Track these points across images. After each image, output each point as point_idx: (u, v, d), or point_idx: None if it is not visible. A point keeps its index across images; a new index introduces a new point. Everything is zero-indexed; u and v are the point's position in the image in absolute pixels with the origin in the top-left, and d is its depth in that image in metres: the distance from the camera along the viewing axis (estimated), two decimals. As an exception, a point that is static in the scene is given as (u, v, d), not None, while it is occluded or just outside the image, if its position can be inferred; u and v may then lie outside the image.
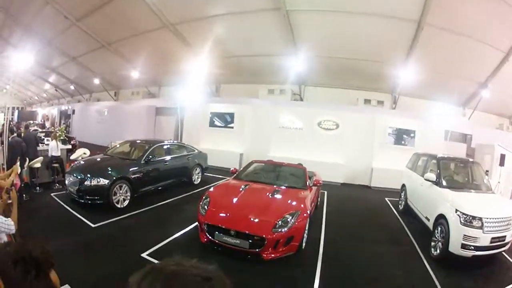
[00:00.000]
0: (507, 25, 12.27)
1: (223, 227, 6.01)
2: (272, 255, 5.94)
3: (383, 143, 15.75)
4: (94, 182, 7.94)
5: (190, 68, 17.00)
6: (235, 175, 8.64)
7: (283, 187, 7.64)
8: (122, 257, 5.56)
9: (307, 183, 8.05)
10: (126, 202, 8.41)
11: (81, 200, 7.95)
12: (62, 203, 8.34)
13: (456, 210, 6.72)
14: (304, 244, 6.67)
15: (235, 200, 6.84)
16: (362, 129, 15.77)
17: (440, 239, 6.95)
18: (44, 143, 12.63)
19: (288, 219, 6.12)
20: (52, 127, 24.37)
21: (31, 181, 9.73)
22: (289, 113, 16.59)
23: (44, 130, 20.07)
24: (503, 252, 7.30)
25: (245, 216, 6.23)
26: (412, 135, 15.79)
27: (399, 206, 11.14)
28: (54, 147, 10.97)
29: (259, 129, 16.91)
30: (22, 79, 31.23)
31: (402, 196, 10.98)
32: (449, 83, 15.98)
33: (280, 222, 6.04)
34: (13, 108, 38.68)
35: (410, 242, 8.01)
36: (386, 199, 12.51)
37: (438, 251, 7.01)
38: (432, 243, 7.21)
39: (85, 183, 7.95)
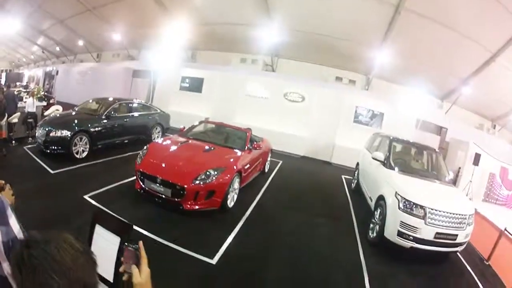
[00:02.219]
0: (497, 25, 12.01)
1: (151, 174, 6.40)
2: (193, 207, 6.28)
3: (348, 121, 15.92)
4: (58, 134, 8.60)
5: (168, 33, 17.27)
6: (181, 132, 9.06)
7: (219, 146, 8.00)
8: (67, 198, 6.25)
9: (246, 146, 8.37)
10: (85, 153, 9.12)
11: (47, 150, 8.67)
12: (32, 154, 9.05)
13: (396, 193, 6.41)
14: (232, 203, 7.09)
15: (169, 152, 7.33)
16: (328, 105, 15.91)
17: (378, 222, 6.70)
18: (23, 100, 13.19)
19: (211, 173, 6.41)
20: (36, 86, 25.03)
21: (9, 135, 10.32)
22: (256, 82, 16.85)
23: (26, 90, 20.82)
24: (458, 254, 7.06)
25: (172, 166, 6.63)
26: (379, 117, 15.95)
27: (352, 184, 11.09)
28: (30, 104, 11.72)
29: (226, 95, 17.21)
30: (11, 42, 31.28)
31: (356, 175, 10.92)
32: (429, 73, 15.90)
33: (202, 175, 6.33)
34: (1, 70, 39.42)
35: (350, 221, 7.95)
36: (343, 176, 12.71)
37: (375, 234, 6.76)
38: (371, 225, 6.97)
39: (51, 134, 8.61)
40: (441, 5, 11.91)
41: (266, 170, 10.87)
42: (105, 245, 1.47)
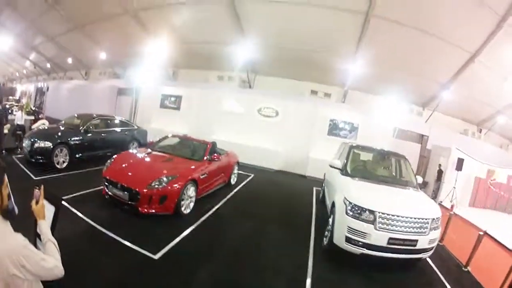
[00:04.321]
0: (474, 23, 11.94)
1: (114, 180, 7.18)
2: (147, 210, 6.92)
3: (323, 134, 16.21)
4: (41, 145, 9.65)
5: (150, 52, 18.05)
6: (149, 145, 9.98)
7: (178, 157, 8.72)
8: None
9: (205, 157, 8.99)
10: (65, 164, 10.14)
11: (32, 159, 9.64)
12: (19, 162, 10.08)
13: (345, 199, 6.27)
14: (188, 210, 7.69)
15: (131, 161, 8.15)
16: (302, 119, 16.31)
17: (330, 229, 6.57)
18: (13, 113, 14.53)
19: (163, 180, 7.10)
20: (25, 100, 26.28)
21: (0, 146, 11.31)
22: (231, 99, 17.60)
23: (18, 104, 22.07)
24: (429, 261, 6.98)
25: (131, 173, 7.42)
26: (354, 128, 16.19)
27: (320, 195, 11.06)
28: (19, 117, 13.07)
29: (203, 112, 17.97)
30: (4, 55, 32.46)
31: (323, 185, 10.81)
32: (407, 81, 15.91)
33: (156, 181, 7.02)
34: (-5, 84, 40.37)
35: (309, 229, 8.07)
36: (314, 188, 12.70)
37: (327, 241, 6.64)
38: (326, 233, 6.86)
39: (35, 145, 9.66)
40: (412, 10, 12.02)
41: (233, 182, 11.40)
42: (48, 213, 2.64)
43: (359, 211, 5.94)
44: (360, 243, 5.84)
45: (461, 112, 18.57)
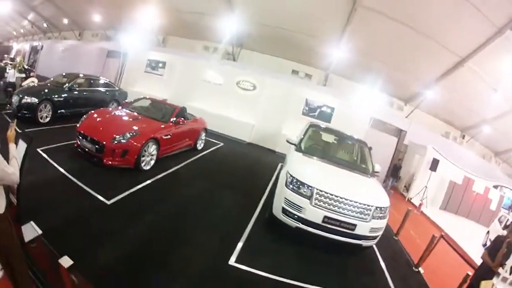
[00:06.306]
0: (467, 29, 11.89)
1: (85, 133, 7.92)
2: (110, 162, 7.68)
3: (297, 113, 16.55)
4: (28, 100, 10.31)
5: (141, 17, 18.54)
6: (123, 104, 10.58)
7: (146, 117, 9.33)
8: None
9: (171, 119, 9.63)
10: (48, 119, 10.95)
11: (18, 114, 10.16)
12: (7, 118, 10.73)
13: (287, 172, 6.40)
14: (148, 167, 8.43)
15: (103, 118, 8.75)
16: (278, 96, 16.71)
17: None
18: (6, 71, 15.12)
19: (126, 136, 7.83)
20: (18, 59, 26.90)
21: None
22: (213, 69, 17.93)
23: (13, 62, 22.80)
24: (378, 254, 7.03)
25: (100, 128, 8.09)
26: (329, 111, 16.46)
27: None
28: (11, 75, 13.89)
29: (185, 80, 18.41)
30: (4, 15, 32.72)
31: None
32: (390, 74, 16.09)
33: (120, 136, 7.76)
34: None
35: (259, 200, 8.39)
36: (280, 164, 12.41)
37: (268, 211, 6.88)
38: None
39: (22, 101, 10.27)
40: (402, 5, 12.08)
41: (199, 147, 12.09)
42: (21, 148, 3.76)
43: (298, 185, 6.07)
44: (295, 216, 6.00)
45: (445, 114, 18.79)
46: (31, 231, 4.26)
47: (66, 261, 2.79)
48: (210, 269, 5.04)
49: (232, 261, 5.34)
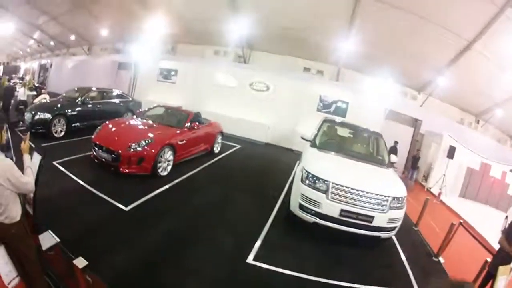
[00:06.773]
0: (470, 12, 11.68)
1: (100, 144, 7.93)
2: (127, 170, 7.70)
3: (312, 109, 16.48)
4: (41, 116, 10.37)
5: (149, 28, 18.47)
6: (137, 113, 10.55)
7: (161, 124, 9.35)
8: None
9: (185, 125, 9.60)
10: (62, 133, 10.90)
11: (32, 130, 10.02)
12: (20, 134, 10.29)
13: (303, 167, 6.38)
14: (165, 173, 8.39)
15: (117, 128, 8.73)
16: (292, 94, 16.69)
17: None
18: (17, 90, 15.20)
19: (142, 143, 7.82)
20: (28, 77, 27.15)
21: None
22: (225, 73, 18.05)
23: (22, 82, 22.95)
24: (397, 245, 6.88)
25: (115, 138, 8.10)
26: (343, 106, 16.44)
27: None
28: (22, 93, 13.88)
29: (198, 86, 18.52)
30: (9, 36, 33.05)
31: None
32: (402, 63, 15.74)
33: (135, 144, 7.75)
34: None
35: (276, 200, 8.29)
36: (298, 161, 12.30)
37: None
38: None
39: (35, 117, 10.37)
40: None
41: (216, 151, 12.00)
42: (35, 160, 3.68)
43: (313, 180, 6.04)
44: (312, 211, 5.96)
45: (458, 100, 18.47)
46: (48, 239, 4.17)
47: (80, 262, 2.83)
48: (227, 268, 5.03)
49: (250, 259, 5.29)
